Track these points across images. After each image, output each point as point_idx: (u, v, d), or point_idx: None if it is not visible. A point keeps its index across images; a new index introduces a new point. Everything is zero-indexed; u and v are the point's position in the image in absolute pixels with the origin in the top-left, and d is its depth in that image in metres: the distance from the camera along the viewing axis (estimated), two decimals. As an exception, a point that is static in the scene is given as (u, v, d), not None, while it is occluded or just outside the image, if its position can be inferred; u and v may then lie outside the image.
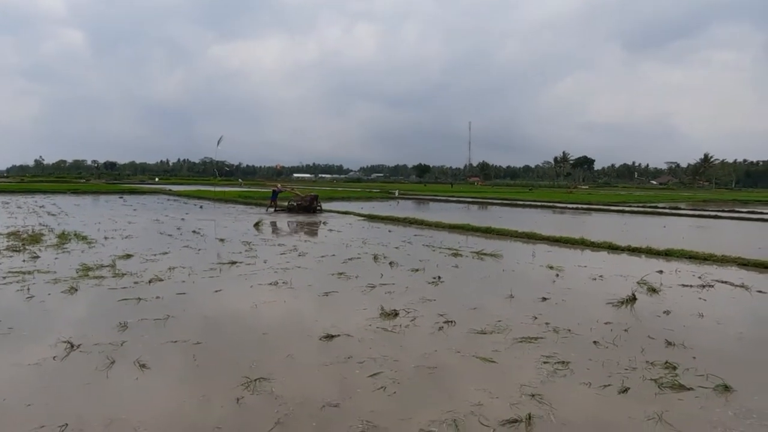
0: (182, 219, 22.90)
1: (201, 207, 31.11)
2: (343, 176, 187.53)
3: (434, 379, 5.47)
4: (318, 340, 6.56)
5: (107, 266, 10.93)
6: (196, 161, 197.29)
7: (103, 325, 7.00)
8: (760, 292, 9.87)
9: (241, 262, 11.76)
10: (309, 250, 13.89)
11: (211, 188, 46.96)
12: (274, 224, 21.68)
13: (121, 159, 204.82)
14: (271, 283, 9.69)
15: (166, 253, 12.97)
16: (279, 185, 32.20)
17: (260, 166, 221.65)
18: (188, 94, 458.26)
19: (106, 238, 15.56)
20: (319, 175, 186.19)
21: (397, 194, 52.24)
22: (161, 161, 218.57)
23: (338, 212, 27.86)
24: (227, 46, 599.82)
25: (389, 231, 19.51)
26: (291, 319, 7.64)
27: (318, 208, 27.62)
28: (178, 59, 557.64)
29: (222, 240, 15.68)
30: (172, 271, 10.61)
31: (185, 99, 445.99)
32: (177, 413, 4.67)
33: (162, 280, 9.72)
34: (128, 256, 12.30)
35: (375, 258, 12.78)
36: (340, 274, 10.71)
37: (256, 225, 20.10)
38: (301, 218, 24.45)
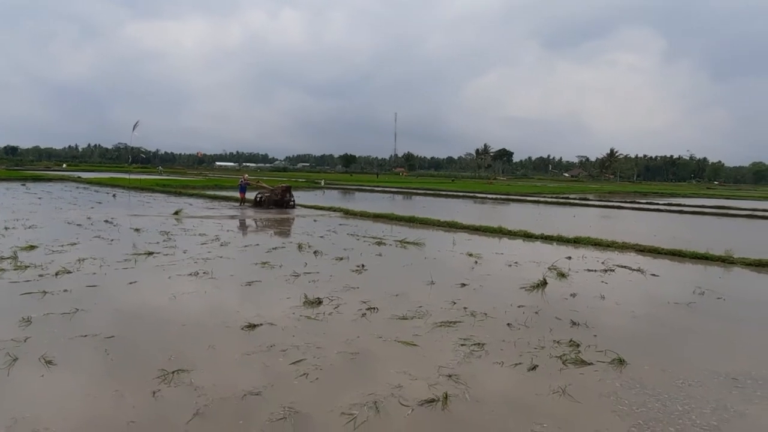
0: (92, 208, 21.51)
1: (114, 195, 29.35)
2: (268, 165, 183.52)
3: (356, 364, 5.59)
4: (240, 329, 6.48)
5: (8, 258, 10.10)
6: (109, 147, 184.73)
7: (4, 321, 6.50)
8: (653, 275, 10.87)
9: (158, 253, 11.28)
10: (232, 240, 13.57)
11: (126, 176, 44.36)
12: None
13: (24, 143, 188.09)
14: (191, 274, 9.40)
15: (75, 243, 12.17)
16: (246, 176, 27.78)
17: (180, 154, 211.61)
18: (100, 75, 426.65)
19: (6, 228, 14.32)
20: (244, 164, 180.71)
21: (323, 184, 51.92)
22: (69, 146, 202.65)
23: (317, 208, 24.20)
24: (143, 26, 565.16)
25: (314, 220, 19.43)
26: (212, 309, 7.47)
27: (291, 202, 23.95)
28: (88, 37, 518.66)
29: (137, 230, 14.93)
30: (82, 262, 9.99)
31: (96, 81, 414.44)
32: (87, 410, 4.47)
33: (70, 273, 9.14)
34: (32, 247, 11.42)
35: (299, 247, 12.71)
36: (264, 263, 10.57)
37: (176, 214, 19.28)
38: (268, 216, 20.81)
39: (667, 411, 4.70)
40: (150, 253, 11.18)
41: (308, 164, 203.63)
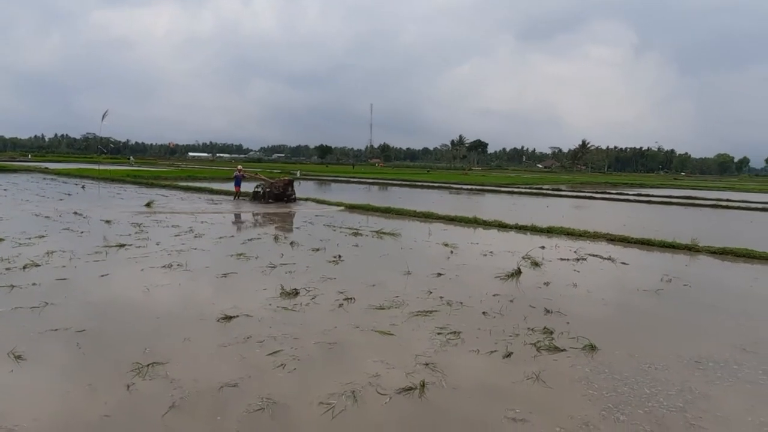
0: (61, 200, 20.95)
1: (83, 187, 28.60)
2: (242, 156, 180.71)
3: (334, 354, 5.62)
4: (216, 321, 6.43)
5: (-30, 252, 9.78)
6: (77, 137, 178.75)
7: (-32, 316, 6.31)
8: (623, 263, 11.15)
9: (130, 245, 11.06)
10: (206, 232, 13.39)
11: (96, 167, 43.23)
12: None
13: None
14: (164, 266, 9.25)
15: (43, 236, 11.85)
16: (240, 167, 25.30)
17: (151, 144, 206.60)
18: (67, 63, 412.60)
19: (-33, 220, 13.85)
20: (217, 155, 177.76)
21: (299, 175, 51.51)
22: (35, 136, 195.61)
23: (321, 202, 22.56)
24: (112, 12, 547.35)
25: (290, 212, 19.30)
26: (187, 301, 7.39)
27: (293, 196, 22.37)
28: (54, 23, 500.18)
29: (108, 222, 14.59)
30: (51, 255, 9.74)
31: (63, 68, 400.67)
32: (59, 405, 4.39)
33: (39, 266, 8.91)
34: (-4, 240, 11.08)
35: (275, 238, 12.63)
36: (239, 255, 10.48)
37: (148, 205, 18.92)
38: (265, 210, 19.63)
39: (635, 394, 4.86)
40: (122, 245, 10.96)
41: (283, 155, 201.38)
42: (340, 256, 10.64)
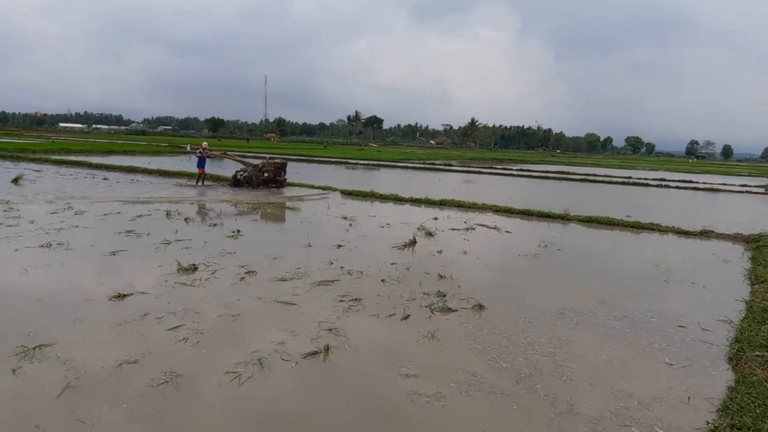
0: None
1: (-72, 160, 24.94)
2: (123, 128, 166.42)
3: (238, 325, 5.67)
4: (108, 300, 6.16)
5: None
6: None
7: None
8: (507, 232, 12.18)
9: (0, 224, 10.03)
10: (88, 209, 12.43)
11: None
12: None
13: None
14: (42, 246, 8.54)
15: None
16: (204, 145, 20.48)
17: (13, 113, 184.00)
18: None
19: None
20: (94, 126, 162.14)
21: (188, 149, 48.72)
22: None
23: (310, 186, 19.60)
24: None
25: (179, 186, 18.43)
26: (73, 281, 6.95)
27: (284, 182, 19.31)
28: None
29: (-33, 199, 13.00)
30: None
31: None
32: (-66, 394, 4.05)
33: None
34: None
35: (168, 214, 12.08)
36: (129, 231, 9.93)
37: (15, 181, 17.02)
38: (249, 197, 16.12)
39: (514, 344, 5.50)
40: (-12, 225, 9.89)
41: (170, 128, 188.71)
42: (239, 231, 10.48)
